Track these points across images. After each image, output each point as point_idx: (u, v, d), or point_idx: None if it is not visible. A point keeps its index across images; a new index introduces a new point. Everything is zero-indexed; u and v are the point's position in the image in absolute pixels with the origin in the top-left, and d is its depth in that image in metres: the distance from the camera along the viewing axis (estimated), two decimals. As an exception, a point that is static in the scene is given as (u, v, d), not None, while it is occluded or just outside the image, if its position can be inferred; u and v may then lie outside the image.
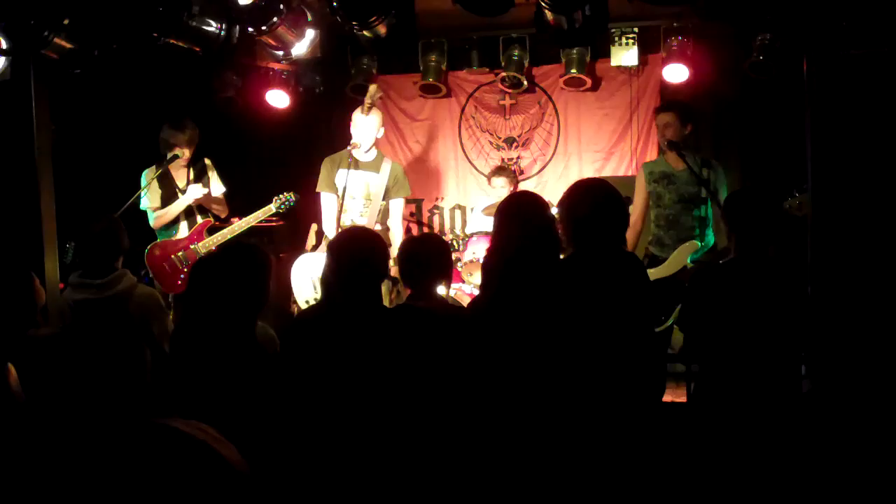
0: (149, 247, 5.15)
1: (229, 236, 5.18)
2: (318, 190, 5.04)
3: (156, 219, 5.24)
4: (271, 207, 5.22)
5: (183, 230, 5.27)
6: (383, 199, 4.99)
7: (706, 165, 4.70)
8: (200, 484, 0.87)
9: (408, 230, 5.05)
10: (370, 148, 4.98)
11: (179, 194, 5.22)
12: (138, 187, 5.12)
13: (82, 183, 5.59)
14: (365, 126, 4.91)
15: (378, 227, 4.88)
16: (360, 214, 4.96)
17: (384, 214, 5.03)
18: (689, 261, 4.52)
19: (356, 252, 2.84)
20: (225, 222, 5.42)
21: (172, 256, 5.15)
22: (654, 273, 4.42)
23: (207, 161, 5.40)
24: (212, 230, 5.26)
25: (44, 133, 4.30)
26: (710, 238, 4.78)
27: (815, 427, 2.99)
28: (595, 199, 2.91)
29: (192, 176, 5.27)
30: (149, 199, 5.22)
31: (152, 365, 3.15)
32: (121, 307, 3.56)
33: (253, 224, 5.26)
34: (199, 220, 5.28)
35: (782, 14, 4.13)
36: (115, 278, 3.59)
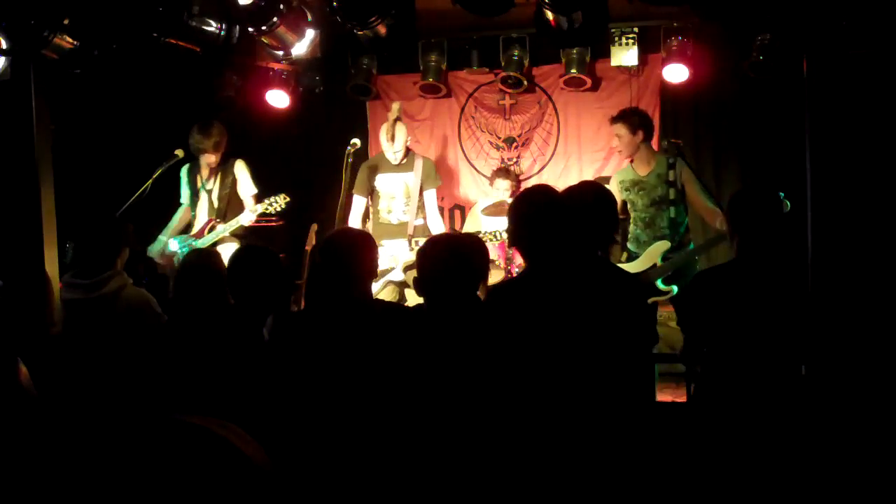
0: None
1: (215, 238, 5.26)
2: (353, 192, 5.46)
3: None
4: (257, 208, 5.22)
5: (198, 225, 5.41)
6: (419, 193, 5.44)
7: (671, 168, 4.83)
8: (223, 480, 0.86)
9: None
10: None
11: (202, 192, 5.38)
12: (138, 186, 5.15)
13: (82, 183, 5.59)
14: (399, 145, 5.39)
15: (420, 222, 5.48)
16: (402, 212, 5.47)
17: (422, 208, 5.51)
18: (660, 259, 4.76)
19: (345, 251, 2.89)
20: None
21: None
22: (628, 268, 4.68)
23: (239, 162, 5.42)
24: (212, 229, 5.34)
25: (44, 133, 4.30)
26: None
27: (816, 428, 2.99)
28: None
29: (217, 177, 5.36)
30: (182, 194, 5.50)
31: (145, 364, 3.17)
32: (108, 308, 3.55)
33: (243, 225, 5.26)
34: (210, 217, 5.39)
35: (782, 14, 4.12)
36: (104, 279, 3.56)
